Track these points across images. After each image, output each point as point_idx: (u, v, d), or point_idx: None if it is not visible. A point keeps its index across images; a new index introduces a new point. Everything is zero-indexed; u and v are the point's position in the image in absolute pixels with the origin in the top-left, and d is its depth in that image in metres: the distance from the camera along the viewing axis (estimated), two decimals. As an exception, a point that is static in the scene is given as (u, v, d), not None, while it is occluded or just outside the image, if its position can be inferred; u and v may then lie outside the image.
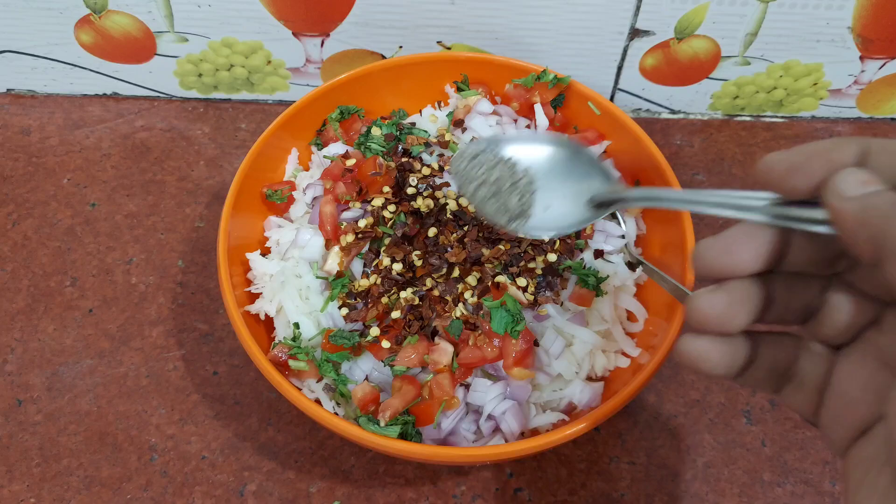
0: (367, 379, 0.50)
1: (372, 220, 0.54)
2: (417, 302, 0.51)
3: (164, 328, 0.60)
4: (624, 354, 0.53)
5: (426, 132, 0.61)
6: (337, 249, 0.53)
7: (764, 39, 0.66)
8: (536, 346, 0.50)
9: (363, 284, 0.52)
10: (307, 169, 0.63)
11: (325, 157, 0.61)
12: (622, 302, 0.54)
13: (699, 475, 0.54)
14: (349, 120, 0.63)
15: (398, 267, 0.52)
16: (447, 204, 0.55)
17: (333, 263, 0.53)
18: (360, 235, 0.54)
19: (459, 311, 0.50)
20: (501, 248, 0.52)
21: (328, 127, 0.62)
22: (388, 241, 0.53)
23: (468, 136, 0.62)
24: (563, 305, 0.53)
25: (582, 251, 0.55)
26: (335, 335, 0.50)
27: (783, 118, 0.75)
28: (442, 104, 0.65)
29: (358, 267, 0.54)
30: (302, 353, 0.50)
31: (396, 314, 0.50)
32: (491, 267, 0.52)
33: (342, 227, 0.54)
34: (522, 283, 0.51)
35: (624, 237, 0.56)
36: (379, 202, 0.55)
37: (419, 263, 0.52)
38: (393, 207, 0.54)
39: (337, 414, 0.49)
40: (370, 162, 0.56)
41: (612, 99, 0.73)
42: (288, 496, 0.52)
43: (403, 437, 0.47)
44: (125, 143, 0.71)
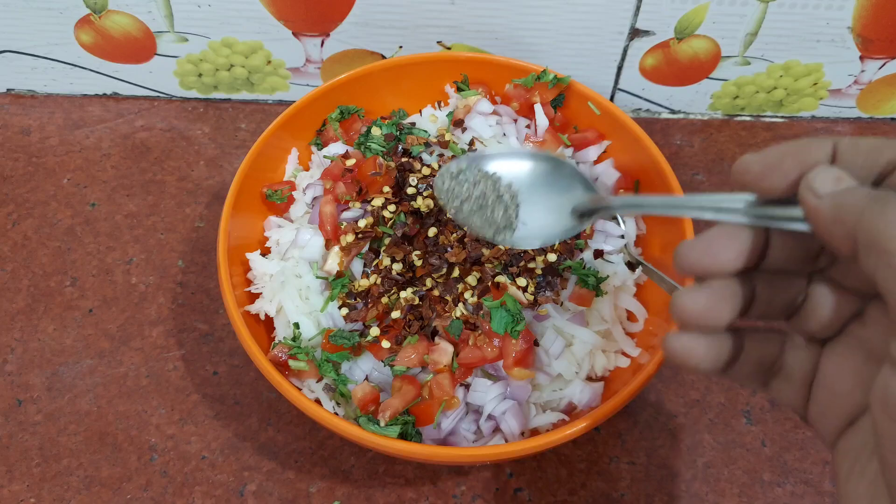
0: (367, 379, 0.50)
1: (372, 220, 0.54)
2: (417, 302, 0.51)
3: (164, 328, 0.60)
4: (624, 354, 0.53)
5: (426, 132, 0.61)
6: (337, 249, 0.53)
7: (764, 39, 0.66)
8: (536, 346, 0.50)
9: (363, 284, 0.52)
10: (307, 169, 0.63)
11: (325, 157, 0.61)
12: (622, 302, 0.54)
13: (699, 475, 0.54)
14: (349, 120, 0.63)
15: (398, 267, 0.52)
16: (447, 204, 0.55)
17: (333, 263, 0.53)
18: (360, 235, 0.53)
19: (459, 311, 0.50)
20: (501, 248, 0.52)
21: (328, 127, 0.62)
22: (388, 241, 0.53)
23: (468, 136, 0.62)
24: (563, 305, 0.53)
25: (582, 251, 0.55)
26: (335, 335, 0.50)
27: (783, 118, 0.75)
28: (442, 104, 0.65)
29: (358, 267, 0.54)
30: (302, 353, 0.50)
31: (396, 314, 0.50)
32: (491, 267, 0.52)
33: (342, 227, 0.54)
34: (522, 283, 0.51)
35: (624, 237, 0.56)
36: (379, 202, 0.55)
37: (419, 263, 0.52)
38: (393, 207, 0.54)
39: (337, 414, 0.49)
40: (370, 162, 0.56)
41: (612, 99, 0.73)
42: (288, 496, 0.52)
43: (403, 437, 0.47)
44: (125, 143, 0.71)
